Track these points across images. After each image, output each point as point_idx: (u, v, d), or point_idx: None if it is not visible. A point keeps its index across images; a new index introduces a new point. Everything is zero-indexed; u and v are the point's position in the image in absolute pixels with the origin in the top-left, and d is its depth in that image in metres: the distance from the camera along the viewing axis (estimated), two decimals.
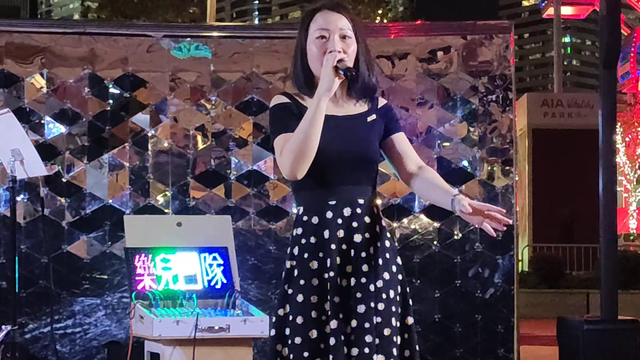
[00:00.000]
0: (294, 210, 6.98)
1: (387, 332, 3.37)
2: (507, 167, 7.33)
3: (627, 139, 23.87)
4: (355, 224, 3.41)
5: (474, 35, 7.37)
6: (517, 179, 7.50)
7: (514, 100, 7.37)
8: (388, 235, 3.52)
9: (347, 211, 3.41)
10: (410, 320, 3.49)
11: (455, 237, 7.23)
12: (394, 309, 3.42)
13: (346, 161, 3.41)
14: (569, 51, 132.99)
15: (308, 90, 3.46)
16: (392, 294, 3.43)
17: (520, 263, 15.12)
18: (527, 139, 21.01)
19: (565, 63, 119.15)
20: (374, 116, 3.53)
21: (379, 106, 3.58)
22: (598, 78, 8.53)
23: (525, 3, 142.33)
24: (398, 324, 3.43)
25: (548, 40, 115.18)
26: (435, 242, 7.22)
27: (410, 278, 7.11)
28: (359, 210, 3.42)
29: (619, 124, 21.38)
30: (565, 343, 7.88)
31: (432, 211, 7.23)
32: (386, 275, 3.43)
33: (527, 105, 21.29)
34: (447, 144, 7.31)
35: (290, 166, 3.33)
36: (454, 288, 7.17)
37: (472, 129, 7.31)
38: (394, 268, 3.47)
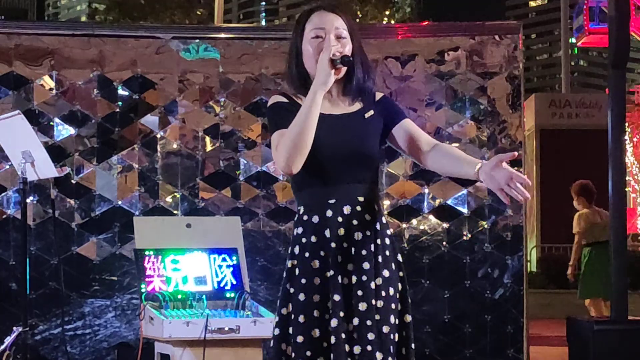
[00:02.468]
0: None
1: (385, 329, 3.38)
2: (516, 168, 7.28)
3: (634, 140, 23.83)
4: (355, 222, 3.41)
5: (482, 36, 7.36)
6: None
7: (522, 100, 7.37)
8: (389, 232, 3.51)
9: (347, 209, 3.41)
10: (408, 317, 3.49)
11: (465, 237, 7.22)
12: (393, 306, 3.42)
13: (344, 158, 3.41)
14: (576, 51, 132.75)
15: (304, 90, 3.45)
16: (391, 291, 3.43)
17: (528, 263, 15.10)
18: (535, 139, 20.95)
19: (573, 63, 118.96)
20: (371, 112, 3.53)
21: (376, 100, 3.57)
22: (605, 78, 8.52)
23: (532, 4, 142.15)
24: (397, 322, 3.43)
25: (555, 40, 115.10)
26: (444, 243, 7.21)
27: (419, 279, 7.13)
28: (358, 208, 3.42)
29: (627, 124, 21.33)
30: (575, 343, 7.86)
31: (441, 212, 7.24)
32: (386, 273, 3.43)
33: (535, 105, 21.23)
34: (455, 144, 7.30)
35: (285, 160, 3.33)
36: (463, 288, 7.17)
37: (480, 130, 7.31)
38: (393, 265, 3.47)
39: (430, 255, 7.19)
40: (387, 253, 3.46)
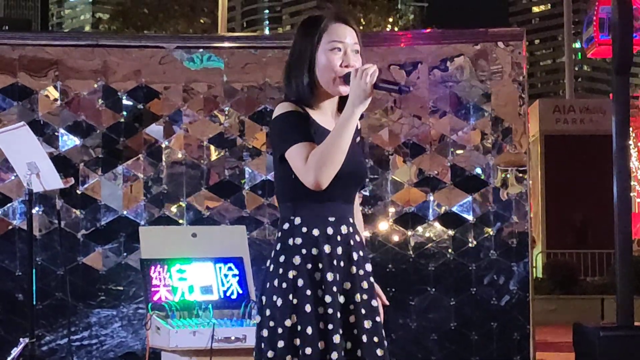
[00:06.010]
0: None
1: (385, 344, 3.42)
2: (521, 174, 7.33)
3: (639, 144, 23.80)
4: (352, 242, 3.41)
5: (486, 42, 7.37)
6: (530, 185, 7.50)
7: (526, 106, 7.37)
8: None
9: (344, 229, 3.40)
10: None
11: (470, 244, 7.22)
12: (378, 319, 3.45)
13: (347, 179, 3.38)
14: (579, 57, 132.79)
15: (312, 100, 3.42)
16: (380, 308, 3.48)
17: (534, 269, 15.09)
18: (540, 145, 20.94)
19: (577, 69, 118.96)
20: (358, 138, 3.53)
21: (358, 127, 3.54)
22: (609, 83, 8.53)
23: (535, 9, 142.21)
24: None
25: (559, 46, 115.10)
26: (450, 250, 7.21)
27: (425, 286, 7.13)
28: (351, 229, 3.42)
29: (631, 128, 21.29)
30: (582, 350, 7.86)
31: (446, 219, 7.24)
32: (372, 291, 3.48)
33: (539, 111, 21.22)
34: (460, 151, 7.31)
35: (316, 175, 3.24)
36: (469, 296, 7.17)
37: (485, 137, 7.31)
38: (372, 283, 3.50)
39: (436, 263, 7.19)
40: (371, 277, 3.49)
